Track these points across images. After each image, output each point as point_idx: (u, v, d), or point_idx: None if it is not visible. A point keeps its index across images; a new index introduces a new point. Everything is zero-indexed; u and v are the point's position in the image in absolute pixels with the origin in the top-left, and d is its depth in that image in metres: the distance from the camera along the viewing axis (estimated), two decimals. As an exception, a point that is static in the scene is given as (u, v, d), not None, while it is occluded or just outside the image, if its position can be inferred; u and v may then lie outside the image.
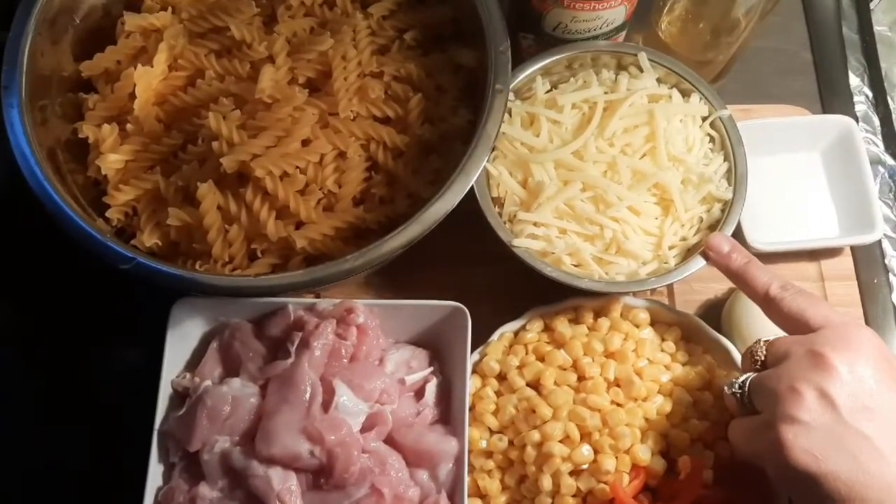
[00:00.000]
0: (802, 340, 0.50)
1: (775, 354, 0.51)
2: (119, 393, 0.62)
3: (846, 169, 0.71)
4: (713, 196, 0.63)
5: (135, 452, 0.56)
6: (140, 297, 0.59)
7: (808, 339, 0.50)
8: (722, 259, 0.58)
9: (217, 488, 0.54)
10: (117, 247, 0.53)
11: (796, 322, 0.52)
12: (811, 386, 0.48)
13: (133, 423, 0.57)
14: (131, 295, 0.62)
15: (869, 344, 0.49)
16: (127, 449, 0.56)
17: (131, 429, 0.56)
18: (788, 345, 0.51)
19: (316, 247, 0.57)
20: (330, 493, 0.54)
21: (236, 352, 0.58)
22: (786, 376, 0.49)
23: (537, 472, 0.58)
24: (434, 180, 0.60)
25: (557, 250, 0.61)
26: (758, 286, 0.55)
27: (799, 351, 0.50)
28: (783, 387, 0.48)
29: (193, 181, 0.57)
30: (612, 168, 0.62)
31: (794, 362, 0.49)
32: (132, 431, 0.56)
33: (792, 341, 0.51)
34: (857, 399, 0.47)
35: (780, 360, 0.51)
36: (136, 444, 0.56)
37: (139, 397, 0.57)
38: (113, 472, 0.59)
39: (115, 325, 0.67)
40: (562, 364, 0.61)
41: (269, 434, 0.54)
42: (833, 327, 0.50)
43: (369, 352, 0.59)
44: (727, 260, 0.58)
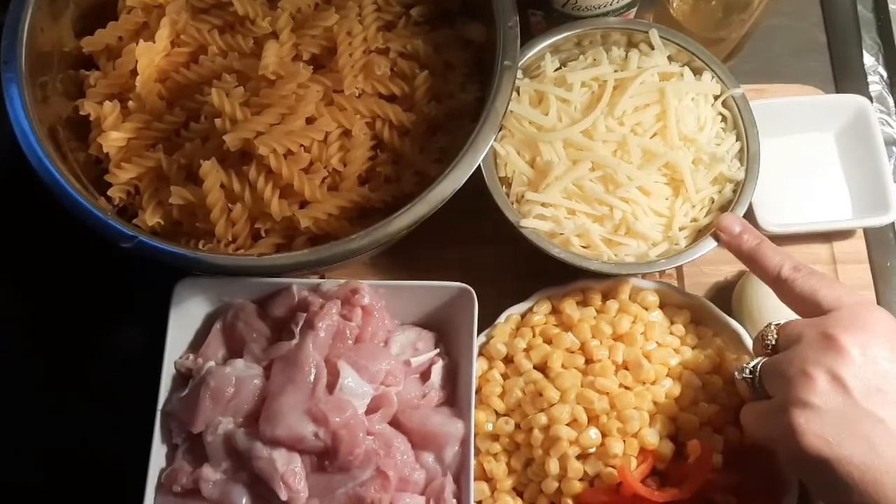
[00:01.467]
0: (814, 323, 0.50)
1: (787, 337, 0.51)
2: (122, 374, 0.62)
3: (860, 150, 0.70)
4: (725, 176, 0.62)
5: (138, 434, 0.55)
6: (143, 278, 0.59)
7: (820, 321, 0.49)
8: (733, 240, 0.57)
9: (221, 470, 0.54)
10: (119, 225, 0.52)
11: (808, 304, 0.51)
12: (823, 369, 0.47)
13: (136, 404, 0.56)
14: (134, 275, 0.61)
15: (882, 325, 0.48)
16: (130, 430, 0.55)
17: (134, 410, 0.56)
18: (800, 328, 0.50)
19: (320, 226, 0.56)
20: (334, 474, 0.53)
21: (240, 333, 0.57)
22: (797, 360, 0.48)
23: (544, 455, 0.57)
24: (441, 159, 0.59)
25: (566, 231, 0.60)
26: (769, 267, 0.54)
27: (811, 333, 0.49)
28: (794, 370, 0.48)
29: (196, 159, 0.56)
30: (622, 147, 0.61)
31: (805, 345, 0.48)
32: (135, 412, 0.56)
33: (804, 324, 0.50)
34: (870, 382, 0.47)
35: (791, 343, 0.50)
36: (140, 425, 0.55)
37: (142, 378, 0.57)
38: (116, 454, 0.58)
39: (117, 306, 0.66)
40: (569, 347, 0.60)
41: (273, 415, 0.53)
42: (846, 308, 0.49)
43: (374, 333, 0.58)
44: (738, 241, 0.57)
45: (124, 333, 0.65)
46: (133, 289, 0.63)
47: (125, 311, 0.66)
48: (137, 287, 0.61)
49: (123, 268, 0.62)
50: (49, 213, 0.56)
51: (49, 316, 0.67)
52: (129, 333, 0.64)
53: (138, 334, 0.63)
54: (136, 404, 0.56)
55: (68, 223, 0.54)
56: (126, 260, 0.58)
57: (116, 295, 0.66)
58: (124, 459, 0.55)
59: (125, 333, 0.65)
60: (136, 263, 0.56)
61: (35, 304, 0.68)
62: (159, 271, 0.56)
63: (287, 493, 0.52)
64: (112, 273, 0.64)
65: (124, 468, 0.55)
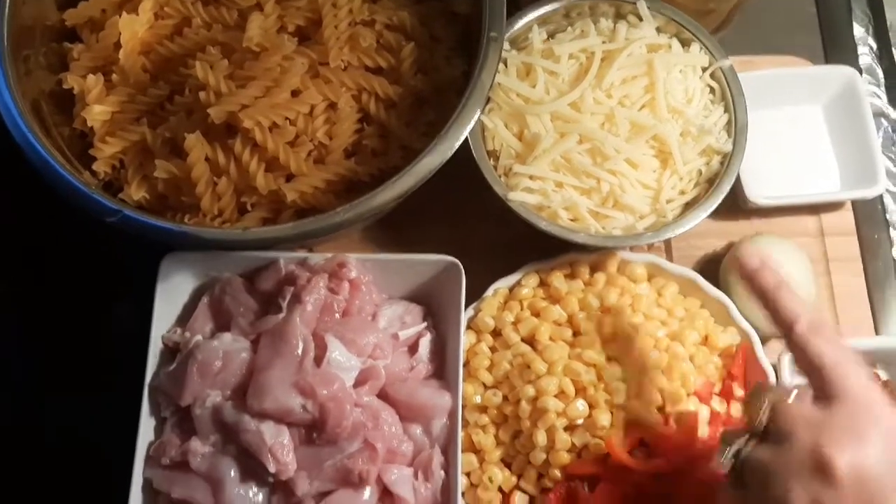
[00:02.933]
0: (810, 423, 0.44)
1: (779, 430, 0.45)
2: (109, 349, 0.62)
3: (849, 122, 0.70)
4: (712, 148, 0.62)
5: (126, 408, 0.55)
6: (129, 254, 0.58)
7: (817, 423, 0.44)
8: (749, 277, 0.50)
9: (209, 443, 0.54)
10: (103, 199, 0.52)
11: (813, 373, 0.46)
12: (808, 497, 0.42)
13: (124, 378, 0.56)
14: (120, 252, 0.61)
15: (882, 442, 0.43)
16: (118, 405, 0.56)
17: (122, 385, 0.56)
18: (794, 424, 0.44)
19: (307, 200, 0.56)
20: (323, 447, 0.53)
21: (227, 307, 0.57)
22: (783, 475, 0.43)
23: (532, 427, 0.57)
24: (427, 132, 0.59)
25: (554, 204, 0.60)
26: (783, 317, 0.48)
27: (804, 439, 0.43)
28: (779, 489, 0.43)
29: (181, 133, 0.56)
30: (610, 120, 0.61)
31: (795, 455, 0.43)
32: (123, 387, 0.56)
33: (799, 420, 0.45)
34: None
35: (781, 437, 0.45)
36: (128, 399, 0.55)
37: (130, 353, 0.56)
38: (104, 428, 0.59)
39: (104, 283, 0.66)
40: (557, 319, 0.60)
41: (260, 388, 0.53)
42: (848, 407, 0.44)
43: (362, 307, 0.58)
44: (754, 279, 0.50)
45: (111, 309, 0.65)
46: (120, 265, 0.63)
47: (112, 287, 0.65)
48: (124, 263, 0.61)
49: (110, 244, 0.62)
50: (34, 190, 0.56)
51: (36, 294, 0.67)
52: (116, 309, 0.64)
53: (125, 310, 0.62)
54: (123, 379, 0.56)
55: (54, 199, 0.54)
56: (112, 236, 0.58)
57: (103, 271, 0.66)
58: (113, 434, 0.55)
59: (112, 309, 0.65)
60: (123, 239, 0.55)
61: (21, 282, 0.68)
62: (146, 247, 0.56)
63: (275, 466, 0.52)
64: (99, 250, 0.64)
65: (113, 442, 0.55)
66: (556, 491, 0.57)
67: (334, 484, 0.53)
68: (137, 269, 0.57)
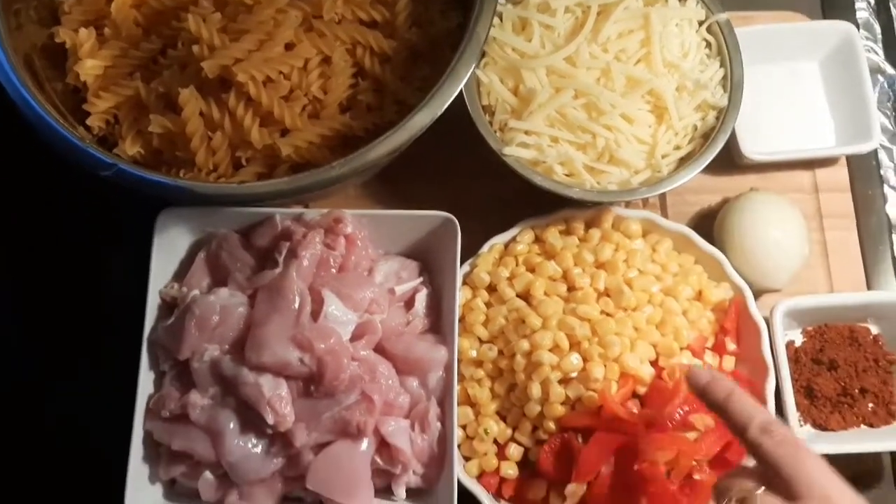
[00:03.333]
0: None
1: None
2: (108, 304, 0.62)
3: (845, 77, 0.70)
4: (708, 103, 0.62)
5: (125, 362, 0.56)
6: (125, 210, 0.58)
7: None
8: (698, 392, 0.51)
9: (208, 396, 0.54)
10: (97, 153, 0.52)
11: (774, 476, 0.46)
12: None
13: (122, 333, 0.56)
14: (116, 208, 0.61)
15: None
16: (117, 359, 0.56)
17: (120, 339, 0.56)
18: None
19: (302, 154, 0.56)
20: (321, 399, 0.54)
21: (224, 262, 0.58)
22: None
23: (527, 380, 0.58)
24: (422, 87, 0.58)
25: (549, 159, 0.60)
26: (736, 424, 0.48)
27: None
28: None
29: (175, 87, 0.55)
30: (606, 74, 0.61)
31: None
32: (121, 342, 0.56)
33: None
34: None
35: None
36: (127, 353, 0.56)
37: (128, 308, 0.57)
38: (104, 381, 0.59)
39: (101, 240, 0.66)
40: (552, 275, 0.61)
41: (258, 342, 0.54)
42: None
43: (358, 262, 0.58)
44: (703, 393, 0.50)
45: (107, 266, 0.65)
46: (116, 221, 0.63)
47: (109, 243, 0.65)
48: (121, 219, 0.61)
49: (106, 201, 0.62)
50: (28, 146, 0.56)
51: (34, 251, 0.67)
52: (112, 266, 0.64)
53: (121, 267, 0.62)
54: (121, 334, 0.56)
55: (48, 154, 0.53)
56: (108, 193, 0.58)
57: (100, 228, 0.66)
58: (113, 387, 0.56)
59: (108, 266, 0.65)
60: (118, 195, 0.56)
61: (19, 239, 0.68)
62: (142, 203, 0.56)
63: (274, 418, 0.53)
64: (95, 207, 0.64)
65: (113, 395, 0.55)
66: (551, 442, 0.58)
67: (332, 435, 0.54)
68: (134, 225, 0.57)
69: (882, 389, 0.63)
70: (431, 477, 0.56)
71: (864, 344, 0.64)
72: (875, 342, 0.64)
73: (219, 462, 0.54)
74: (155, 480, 0.55)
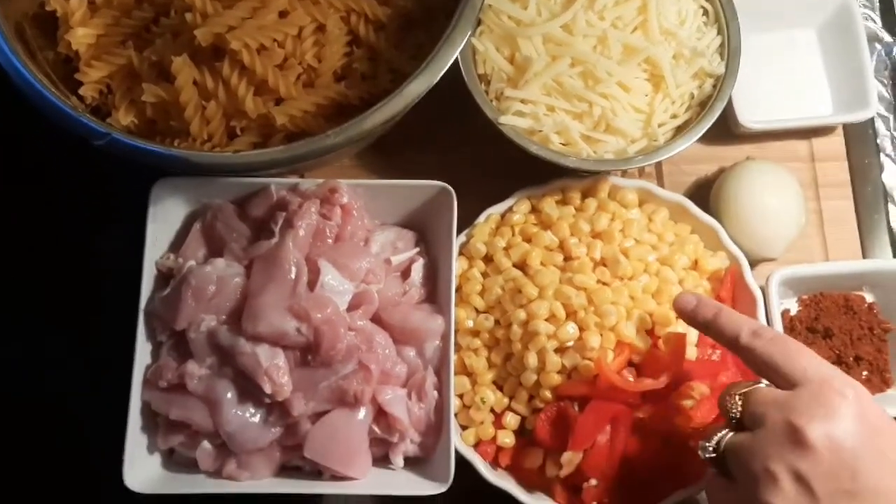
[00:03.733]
0: (779, 403, 0.46)
1: (752, 415, 0.47)
2: (103, 275, 0.62)
3: (842, 45, 0.69)
4: (705, 71, 0.62)
5: (122, 333, 0.56)
6: (120, 181, 0.58)
7: (785, 401, 0.46)
8: (688, 316, 0.53)
9: (205, 366, 0.55)
10: (91, 122, 0.51)
11: (771, 373, 0.48)
12: (787, 468, 0.44)
13: (118, 305, 0.56)
14: (111, 178, 0.61)
15: (850, 410, 0.45)
16: (114, 331, 0.56)
17: (116, 310, 0.56)
18: (764, 406, 0.46)
19: (296, 123, 0.56)
20: (318, 369, 0.54)
21: (219, 233, 0.57)
22: (761, 453, 0.45)
23: (523, 349, 0.58)
24: (417, 55, 0.58)
25: (545, 128, 0.60)
26: (728, 335, 0.51)
27: (775, 418, 0.45)
28: (758, 467, 0.45)
29: (168, 56, 0.55)
30: (603, 42, 0.60)
31: (770, 433, 0.45)
32: (117, 313, 0.56)
33: (768, 402, 0.47)
34: (836, 482, 0.43)
35: (755, 423, 0.46)
36: (123, 325, 0.56)
37: (124, 279, 0.57)
38: (100, 353, 0.59)
39: (96, 211, 0.66)
40: (548, 245, 0.61)
41: (255, 312, 0.54)
42: (811, 387, 0.46)
43: (354, 232, 0.58)
44: (693, 316, 0.53)
45: (103, 237, 0.65)
46: (112, 193, 0.63)
47: (103, 215, 0.65)
48: (116, 191, 0.60)
49: (101, 172, 0.62)
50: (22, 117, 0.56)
51: (28, 223, 0.67)
52: (108, 237, 0.64)
53: (118, 237, 0.62)
54: (118, 305, 0.56)
55: (42, 125, 0.53)
56: (103, 164, 0.58)
57: (95, 200, 0.66)
58: (110, 358, 0.56)
59: (104, 237, 0.65)
60: (113, 166, 0.55)
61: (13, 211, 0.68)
62: (137, 173, 0.55)
63: (271, 387, 0.53)
64: (89, 178, 0.64)
65: (110, 366, 0.55)
66: (547, 411, 0.58)
67: (330, 404, 0.54)
68: (129, 196, 0.57)
69: (877, 357, 0.63)
70: (429, 445, 0.56)
71: (859, 312, 0.64)
72: (870, 310, 0.65)
73: (217, 431, 0.54)
74: (153, 450, 0.55)
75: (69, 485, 0.63)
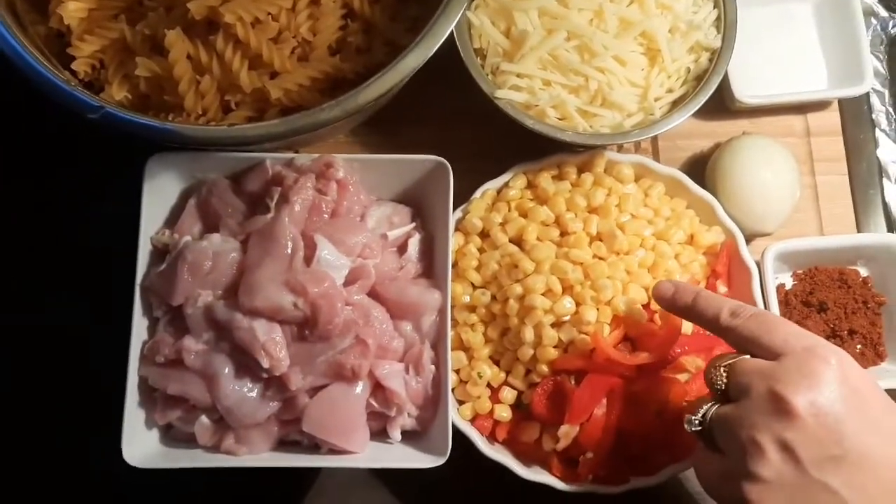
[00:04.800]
0: (763, 372, 0.46)
1: (736, 385, 0.47)
2: (98, 251, 0.62)
3: (838, 20, 0.69)
4: (701, 45, 0.62)
5: (118, 309, 0.56)
6: (114, 157, 0.58)
7: (770, 370, 0.46)
8: (668, 303, 0.54)
9: (202, 341, 0.54)
10: (84, 96, 0.51)
11: (754, 349, 0.48)
12: (772, 438, 0.44)
13: (114, 280, 0.56)
14: (105, 154, 0.60)
15: (833, 374, 0.45)
16: (110, 307, 0.56)
17: (112, 286, 0.56)
18: (748, 376, 0.47)
19: (291, 98, 0.55)
20: (315, 343, 0.54)
21: (214, 208, 0.57)
22: (746, 422, 0.45)
23: (520, 324, 0.58)
24: (412, 28, 0.58)
25: (541, 102, 0.60)
26: (708, 318, 0.51)
27: (760, 387, 0.45)
28: (744, 436, 0.45)
29: (161, 29, 0.54)
30: (599, 16, 0.60)
31: (754, 403, 0.45)
32: (114, 289, 0.56)
33: (753, 371, 0.47)
34: (822, 448, 0.44)
35: (740, 394, 0.47)
36: (119, 300, 0.56)
37: (119, 254, 0.56)
38: (98, 329, 0.59)
39: (89, 186, 0.65)
40: (544, 220, 0.61)
41: (251, 287, 0.53)
42: (794, 356, 0.46)
43: (350, 207, 0.58)
44: (672, 302, 0.54)
45: (98, 213, 0.64)
46: (104, 169, 0.62)
47: (97, 192, 0.65)
48: (110, 166, 0.60)
49: (94, 148, 0.61)
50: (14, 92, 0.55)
51: (23, 198, 0.67)
52: (102, 213, 0.64)
53: (112, 213, 0.62)
54: (113, 281, 0.56)
55: (34, 101, 0.52)
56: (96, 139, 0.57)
57: (88, 176, 0.65)
58: (108, 335, 0.56)
59: (99, 213, 0.64)
60: (106, 141, 0.55)
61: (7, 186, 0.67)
62: (130, 149, 0.55)
63: (269, 361, 0.53)
64: (83, 154, 0.64)
65: (107, 343, 0.55)
66: (544, 385, 0.58)
67: (327, 378, 0.54)
68: (123, 171, 0.56)
69: (870, 331, 0.64)
70: (426, 419, 0.57)
71: (853, 286, 0.65)
72: (864, 284, 0.65)
73: (214, 406, 0.54)
74: (151, 426, 0.55)
75: (67, 460, 0.63)
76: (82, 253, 0.65)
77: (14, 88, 0.54)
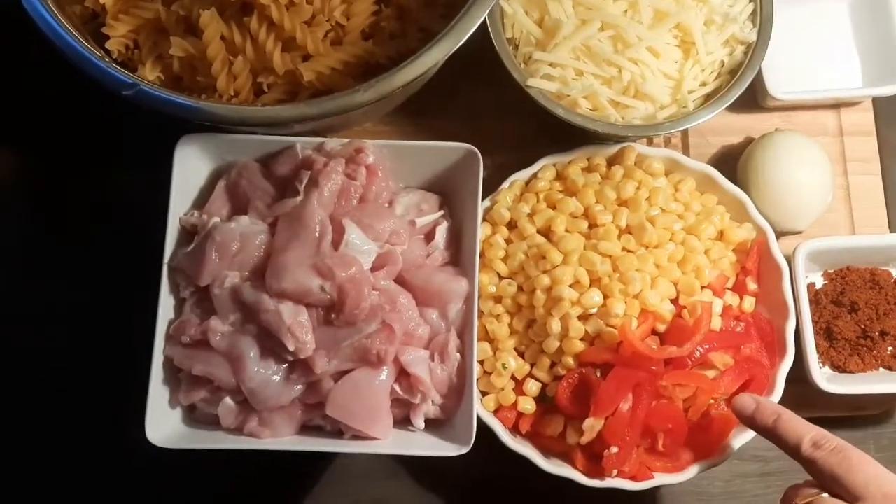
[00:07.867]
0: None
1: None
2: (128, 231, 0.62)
3: (873, 18, 0.68)
4: (736, 38, 0.61)
5: (146, 288, 0.56)
6: (146, 136, 0.58)
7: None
8: (747, 421, 0.54)
9: (229, 322, 0.54)
10: (118, 73, 0.51)
11: (831, 485, 0.48)
12: None
13: (142, 260, 0.56)
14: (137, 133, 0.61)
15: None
16: (138, 285, 0.56)
17: (141, 266, 0.56)
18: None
19: (324, 81, 0.55)
20: (341, 328, 0.54)
21: (244, 190, 0.57)
22: None
23: (546, 315, 0.58)
24: (446, 14, 0.57)
25: (573, 92, 0.59)
26: (789, 443, 0.50)
27: None
28: None
29: (195, 10, 0.54)
30: (633, 7, 0.60)
31: None
32: (142, 268, 0.56)
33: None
34: None
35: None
36: (147, 280, 0.56)
37: (148, 235, 0.57)
38: (124, 307, 0.59)
39: (120, 165, 0.66)
40: (573, 212, 0.60)
41: (279, 269, 0.53)
42: (873, 503, 0.46)
43: (379, 193, 0.58)
44: (752, 421, 0.53)
45: (128, 192, 0.65)
46: (137, 148, 0.62)
47: (128, 171, 0.65)
48: (142, 146, 0.60)
49: (127, 127, 0.62)
50: (48, 71, 0.56)
51: (54, 176, 0.67)
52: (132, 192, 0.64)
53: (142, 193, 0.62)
54: (142, 260, 0.56)
55: (69, 79, 0.53)
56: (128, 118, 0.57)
57: (120, 154, 0.66)
58: (133, 313, 0.56)
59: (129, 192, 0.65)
60: (139, 120, 0.55)
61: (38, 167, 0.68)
62: (162, 129, 0.55)
63: (294, 344, 0.52)
64: (115, 132, 0.64)
65: (133, 320, 0.55)
66: (569, 377, 0.58)
67: (352, 363, 0.54)
68: (156, 150, 0.56)
69: (903, 333, 0.63)
70: (450, 408, 0.56)
71: (885, 287, 0.64)
72: (896, 286, 0.64)
73: (239, 388, 0.53)
74: (175, 406, 0.55)
75: (91, 441, 0.63)
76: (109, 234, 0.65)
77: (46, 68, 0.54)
